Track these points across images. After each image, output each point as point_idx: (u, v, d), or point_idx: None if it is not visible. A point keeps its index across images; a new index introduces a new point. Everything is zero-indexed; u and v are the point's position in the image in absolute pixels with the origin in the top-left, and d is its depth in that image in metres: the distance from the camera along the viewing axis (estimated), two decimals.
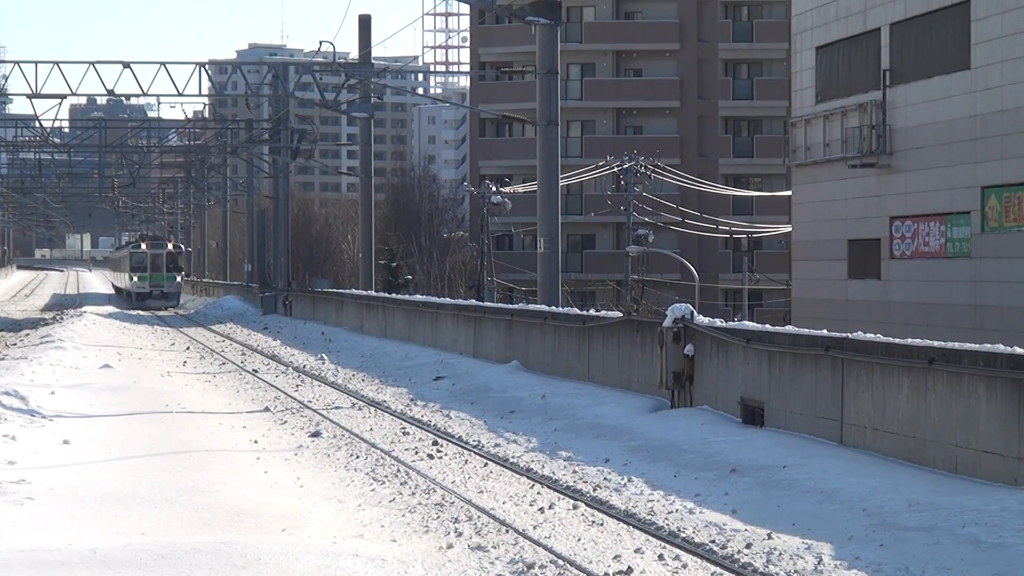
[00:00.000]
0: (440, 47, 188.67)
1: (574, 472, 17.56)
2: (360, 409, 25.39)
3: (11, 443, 18.67)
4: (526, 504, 15.50)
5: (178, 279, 79.56)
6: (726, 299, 77.54)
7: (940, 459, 15.64)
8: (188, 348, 43.03)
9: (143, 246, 79.26)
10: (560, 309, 29.75)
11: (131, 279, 78.26)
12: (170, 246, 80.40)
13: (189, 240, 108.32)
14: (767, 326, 20.84)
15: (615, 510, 15.04)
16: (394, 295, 48.98)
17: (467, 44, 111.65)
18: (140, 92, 49.45)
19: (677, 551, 12.96)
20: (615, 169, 65.87)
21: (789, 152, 44.95)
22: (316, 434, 21.30)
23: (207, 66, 50.67)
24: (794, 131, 44.22)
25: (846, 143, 40.81)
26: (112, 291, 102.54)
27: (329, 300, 54.09)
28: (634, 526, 14.19)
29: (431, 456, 19.24)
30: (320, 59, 58.75)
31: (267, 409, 25.09)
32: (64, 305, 79.18)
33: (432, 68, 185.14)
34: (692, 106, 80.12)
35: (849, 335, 17.69)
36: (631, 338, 24.47)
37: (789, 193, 48.32)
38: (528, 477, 17.36)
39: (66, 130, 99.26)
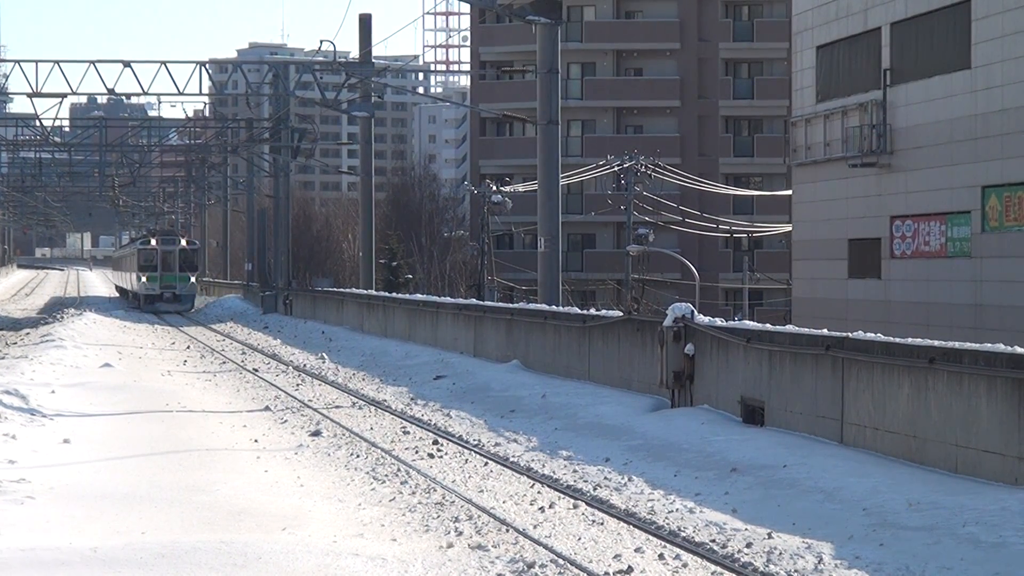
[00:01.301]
0: (440, 46, 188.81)
1: (574, 471, 17.56)
2: (360, 408, 25.39)
3: (11, 442, 18.67)
4: (526, 503, 15.49)
5: (192, 279, 71.53)
6: (726, 298, 77.55)
7: (940, 459, 15.64)
8: (188, 347, 43.03)
9: (153, 242, 71.28)
10: (560, 308, 29.75)
11: (139, 279, 70.63)
12: (183, 242, 72.49)
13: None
14: (767, 325, 20.84)
15: (615, 509, 15.04)
16: (394, 294, 48.96)
17: (467, 43, 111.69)
18: (140, 91, 49.45)
19: (677, 550, 12.96)
20: (615, 168, 65.85)
21: (789, 151, 44.95)
22: (316, 433, 21.30)
23: (207, 65, 50.67)
24: (794, 130, 44.22)
25: (847, 142, 40.81)
26: (116, 293, 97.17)
27: (329, 299, 54.08)
28: (634, 525, 14.19)
29: (431, 455, 19.24)
30: (320, 58, 58.83)
31: (267, 408, 25.09)
32: (64, 306, 77.71)
33: (432, 67, 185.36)
34: (692, 105, 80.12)
35: (849, 334, 17.68)
36: (631, 337, 24.47)
37: (789, 192, 48.33)
38: (528, 476, 17.35)
39: (66, 129, 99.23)
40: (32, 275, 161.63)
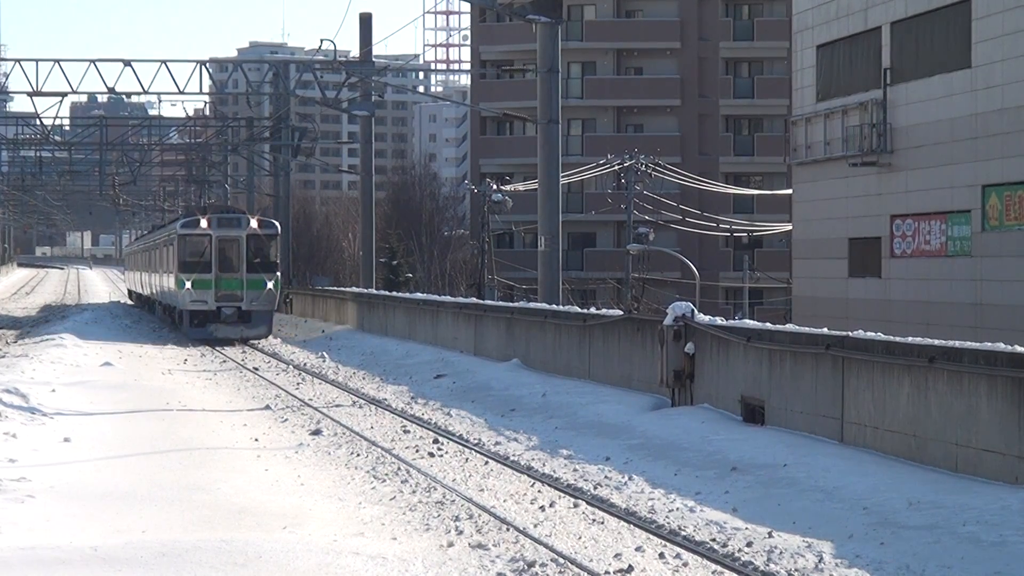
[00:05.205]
0: (441, 45, 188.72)
1: (575, 470, 17.56)
2: (361, 407, 25.38)
3: (12, 441, 18.68)
4: (527, 502, 15.49)
5: (269, 286, 44.14)
6: (727, 297, 77.52)
7: (941, 458, 15.64)
8: (189, 345, 42.98)
9: (203, 223, 44.28)
10: (561, 307, 29.75)
11: (181, 285, 44.07)
12: (253, 223, 44.68)
13: None
14: (768, 324, 20.85)
15: (616, 508, 15.04)
16: (395, 293, 48.96)
17: (468, 42, 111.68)
18: (141, 90, 49.39)
19: (678, 549, 12.96)
20: (616, 167, 65.83)
21: (790, 150, 44.94)
22: (317, 432, 21.30)
23: (208, 64, 50.62)
24: (795, 129, 44.21)
25: (847, 141, 40.79)
26: (131, 302, 75.28)
27: (329, 298, 54.08)
28: (635, 524, 14.19)
29: (432, 454, 19.24)
30: (321, 57, 58.73)
31: (268, 407, 25.09)
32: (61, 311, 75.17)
33: (433, 66, 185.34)
34: (693, 104, 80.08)
35: (850, 333, 17.69)
36: (632, 336, 24.47)
37: (790, 191, 48.33)
38: (529, 475, 17.35)
39: (67, 128, 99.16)
40: (32, 274, 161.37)
